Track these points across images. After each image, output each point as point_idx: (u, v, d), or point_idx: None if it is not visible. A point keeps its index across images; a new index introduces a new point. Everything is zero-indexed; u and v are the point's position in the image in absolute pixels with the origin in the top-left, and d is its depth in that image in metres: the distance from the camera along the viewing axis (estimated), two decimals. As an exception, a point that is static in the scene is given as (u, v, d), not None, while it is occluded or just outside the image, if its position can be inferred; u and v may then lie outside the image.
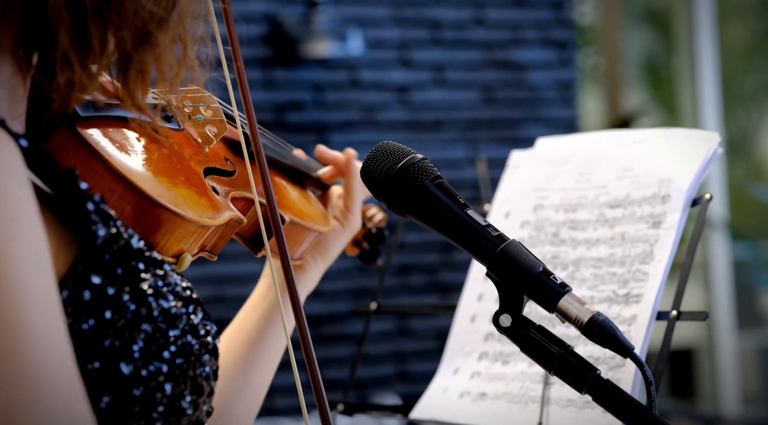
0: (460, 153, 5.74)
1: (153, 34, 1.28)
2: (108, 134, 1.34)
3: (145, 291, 1.26)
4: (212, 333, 1.34)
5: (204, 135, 1.54)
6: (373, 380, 5.45)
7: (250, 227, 1.63)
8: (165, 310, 1.27)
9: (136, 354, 1.23)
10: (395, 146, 1.53)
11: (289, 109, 5.43)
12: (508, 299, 1.47)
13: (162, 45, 1.29)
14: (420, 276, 5.63)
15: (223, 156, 1.59)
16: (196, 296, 1.34)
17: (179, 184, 1.39)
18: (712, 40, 7.23)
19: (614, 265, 1.87)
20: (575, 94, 6.10)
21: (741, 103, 8.37)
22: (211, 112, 1.57)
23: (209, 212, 1.41)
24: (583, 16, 7.76)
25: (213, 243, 1.48)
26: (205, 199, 1.42)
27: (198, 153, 1.52)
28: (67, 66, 1.25)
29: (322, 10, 5.38)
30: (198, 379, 1.30)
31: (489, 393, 1.89)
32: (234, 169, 1.58)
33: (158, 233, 1.33)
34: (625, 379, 1.76)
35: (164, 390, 1.26)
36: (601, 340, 1.43)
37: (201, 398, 1.31)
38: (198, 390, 1.30)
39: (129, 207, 1.31)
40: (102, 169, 1.30)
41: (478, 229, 1.48)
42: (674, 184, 1.87)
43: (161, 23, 1.28)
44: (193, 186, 1.42)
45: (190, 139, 1.53)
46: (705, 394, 7.33)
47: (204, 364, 1.31)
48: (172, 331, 1.27)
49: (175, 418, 1.27)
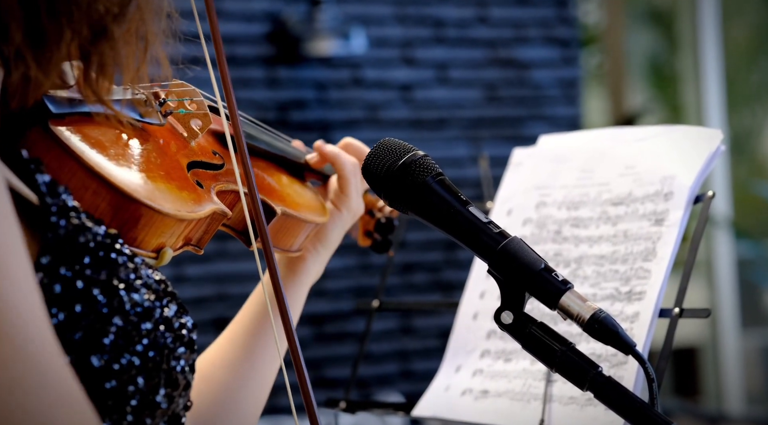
0: (463, 151, 5.74)
1: (109, 28, 1.26)
2: (83, 130, 1.33)
3: (116, 285, 1.25)
4: (187, 327, 1.33)
5: (189, 129, 1.54)
6: (376, 378, 5.44)
7: (241, 219, 1.62)
8: (137, 303, 1.26)
9: (107, 348, 1.22)
10: (397, 143, 1.53)
11: (292, 107, 5.43)
12: (509, 296, 1.47)
13: (120, 39, 1.27)
14: (423, 274, 5.62)
15: (211, 149, 1.59)
16: (171, 289, 1.34)
17: (158, 179, 1.38)
18: (716, 38, 7.22)
19: (616, 263, 1.87)
20: (578, 92, 6.09)
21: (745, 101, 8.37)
22: (195, 105, 1.57)
23: (189, 206, 1.40)
24: (587, 14, 7.76)
25: (198, 236, 1.48)
26: (186, 193, 1.42)
27: (184, 147, 1.52)
28: (21, 62, 1.22)
29: (325, 9, 5.38)
30: (172, 372, 1.29)
31: (491, 390, 1.89)
32: (222, 162, 1.58)
33: (135, 228, 1.33)
34: (627, 376, 1.75)
35: (137, 383, 1.25)
36: (603, 337, 1.43)
37: (176, 391, 1.30)
38: (173, 384, 1.29)
39: (104, 203, 1.30)
40: (75, 165, 1.29)
41: (479, 226, 1.48)
42: (677, 181, 1.87)
43: (117, 17, 1.26)
44: (173, 180, 1.41)
45: (175, 134, 1.52)
46: (709, 392, 7.33)
47: (179, 357, 1.30)
48: (144, 324, 1.26)
49: (149, 412, 1.27)
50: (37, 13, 1.22)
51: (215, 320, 4.94)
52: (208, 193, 1.49)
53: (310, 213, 1.77)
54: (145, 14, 1.29)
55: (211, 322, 4.93)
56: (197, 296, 5.02)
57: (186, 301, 1.37)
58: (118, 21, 1.26)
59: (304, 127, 5.43)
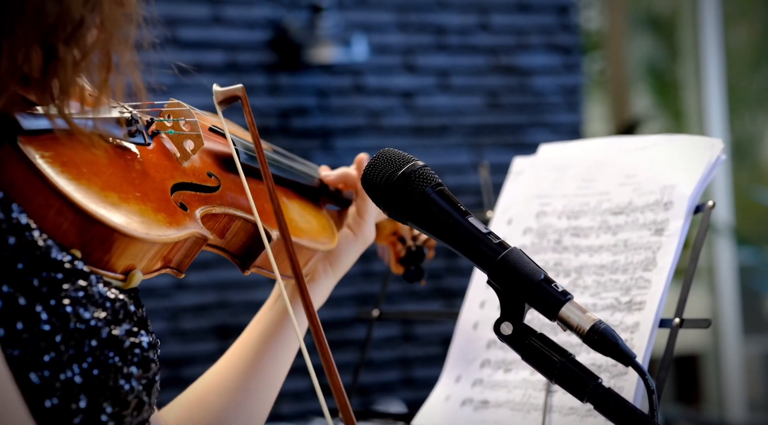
0: (465, 158, 5.73)
1: (59, 49, 1.25)
2: (55, 148, 1.32)
3: (62, 303, 1.24)
4: (142, 346, 1.31)
5: (182, 149, 1.52)
6: (377, 386, 5.44)
7: (236, 242, 1.61)
8: (83, 321, 1.25)
9: (47, 364, 1.22)
10: (396, 153, 1.53)
11: (293, 114, 5.43)
12: (509, 307, 1.47)
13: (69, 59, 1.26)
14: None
15: (207, 171, 1.56)
16: (130, 309, 1.32)
17: (131, 200, 1.36)
18: (717, 45, 7.22)
19: (617, 272, 1.86)
20: (580, 99, 6.09)
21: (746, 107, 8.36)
22: (189, 126, 1.54)
23: (161, 229, 1.38)
24: (588, 21, 7.76)
25: (178, 259, 1.46)
26: (163, 215, 1.40)
27: (174, 168, 1.49)
28: None
29: (326, 16, 5.38)
30: (120, 392, 1.28)
31: (491, 401, 1.89)
32: (218, 184, 1.56)
33: (101, 249, 1.31)
34: (627, 387, 1.75)
35: (78, 401, 1.24)
36: (603, 349, 1.43)
37: (125, 411, 1.29)
38: (121, 403, 1.28)
39: (67, 222, 1.29)
40: (39, 184, 1.28)
41: (479, 237, 1.47)
42: (677, 190, 1.86)
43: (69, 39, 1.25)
44: (150, 202, 1.39)
45: (167, 154, 1.50)
46: (710, 400, 7.32)
47: (129, 376, 1.29)
48: (90, 342, 1.25)
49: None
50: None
51: (216, 327, 4.94)
52: (191, 216, 1.46)
53: (312, 239, 1.74)
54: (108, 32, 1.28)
55: (212, 329, 4.92)
56: (199, 303, 5.02)
57: (187, 308, 1.36)
58: (67, 43, 1.25)
59: (306, 134, 5.43)
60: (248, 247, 1.62)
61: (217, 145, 1.60)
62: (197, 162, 1.55)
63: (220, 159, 1.61)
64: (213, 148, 1.59)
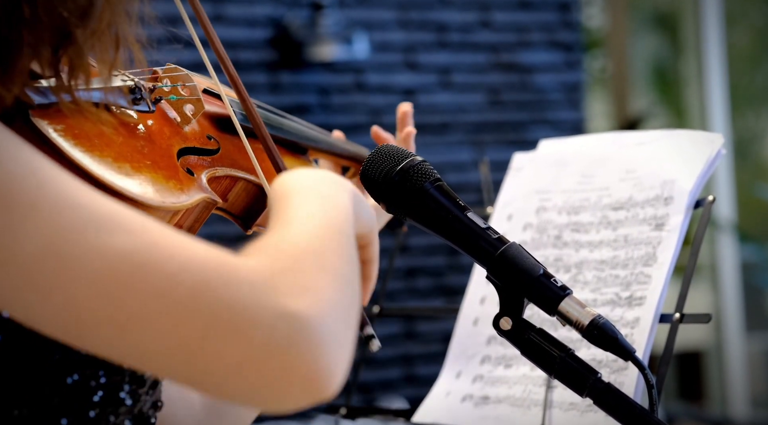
0: (466, 156, 5.73)
1: (73, 33, 1.24)
2: (66, 121, 1.31)
3: None
4: None
5: (182, 114, 1.51)
6: (379, 383, 5.44)
7: (239, 204, 1.61)
8: None
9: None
10: (395, 149, 1.53)
11: (295, 112, 5.39)
12: (508, 302, 1.47)
13: (86, 42, 1.25)
14: (426, 279, 5.62)
15: (206, 134, 1.56)
16: None
17: (143, 169, 1.36)
18: (720, 42, 7.22)
19: (617, 268, 1.86)
20: (582, 96, 6.09)
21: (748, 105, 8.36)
22: (188, 90, 1.54)
23: (176, 195, 1.38)
24: (590, 18, 7.75)
25: (189, 225, 1.46)
26: (174, 182, 1.40)
27: (176, 133, 1.49)
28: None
29: (327, 14, 5.38)
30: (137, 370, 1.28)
31: (491, 396, 1.88)
32: (218, 147, 1.55)
33: None
34: (627, 382, 1.75)
35: (99, 378, 1.24)
36: (602, 343, 1.43)
37: (142, 389, 1.29)
38: (137, 381, 1.28)
39: None
40: (56, 157, 1.27)
41: (477, 232, 1.47)
42: (677, 185, 1.86)
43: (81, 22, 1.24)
44: (160, 169, 1.39)
45: (167, 120, 1.50)
46: (713, 396, 7.31)
47: None
48: None
49: (112, 409, 1.26)
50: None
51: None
52: (199, 181, 1.46)
53: None
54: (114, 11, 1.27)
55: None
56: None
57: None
58: (82, 25, 1.25)
59: (307, 132, 5.42)
60: (250, 207, 1.63)
61: (212, 107, 1.61)
62: (196, 126, 1.55)
63: (216, 120, 1.61)
64: (209, 110, 1.59)
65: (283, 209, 1.24)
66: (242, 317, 1.08)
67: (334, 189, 1.29)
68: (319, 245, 1.17)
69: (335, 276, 1.15)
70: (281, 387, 1.10)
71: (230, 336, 1.07)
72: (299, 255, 1.15)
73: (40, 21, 1.22)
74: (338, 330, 1.12)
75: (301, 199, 1.25)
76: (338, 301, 1.14)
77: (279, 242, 1.17)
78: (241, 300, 1.08)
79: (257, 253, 1.15)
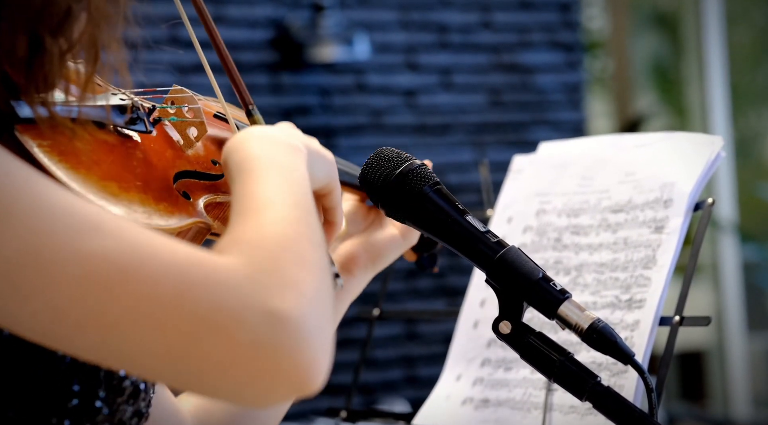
0: (467, 156, 5.73)
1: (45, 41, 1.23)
2: (51, 136, 1.29)
3: None
4: None
5: (185, 137, 1.50)
6: (381, 384, 5.44)
7: None
8: None
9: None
10: (394, 152, 1.53)
11: (296, 113, 5.43)
12: (507, 306, 1.47)
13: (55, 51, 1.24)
14: (427, 280, 5.61)
15: (211, 159, 1.54)
16: None
17: (132, 189, 1.34)
18: (721, 42, 7.21)
19: (617, 270, 1.86)
20: (583, 97, 6.09)
21: (750, 104, 8.36)
22: (192, 113, 1.52)
23: (164, 218, 1.36)
24: (591, 19, 7.75)
25: None
26: (165, 205, 1.38)
27: (177, 156, 1.47)
28: None
29: (328, 15, 5.38)
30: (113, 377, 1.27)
31: (491, 399, 1.88)
32: (221, 172, 1.53)
33: None
34: (628, 385, 1.74)
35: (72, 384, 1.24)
36: (602, 347, 1.43)
37: (120, 398, 1.28)
38: (114, 389, 1.28)
39: None
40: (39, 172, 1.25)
41: (476, 236, 1.47)
42: (677, 188, 1.86)
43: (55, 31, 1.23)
44: (151, 191, 1.37)
45: (170, 141, 1.48)
46: (715, 397, 7.31)
47: None
48: None
49: (87, 416, 1.25)
50: None
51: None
52: (195, 205, 1.44)
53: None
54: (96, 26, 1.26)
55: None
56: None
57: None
58: (54, 35, 1.23)
59: (308, 133, 5.38)
60: None
61: (221, 132, 1.59)
62: (201, 149, 1.53)
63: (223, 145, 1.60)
64: (218, 135, 1.57)
65: (246, 183, 1.26)
66: (227, 317, 1.08)
67: (292, 158, 1.32)
68: (293, 235, 1.19)
69: (312, 267, 1.16)
70: (268, 385, 1.11)
71: (215, 336, 1.08)
72: (276, 249, 1.16)
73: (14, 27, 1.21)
74: (320, 322, 1.13)
75: (264, 173, 1.27)
76: (317, 292, 1.15)
77: (254, 236, 1.18)
78: (224, 300, 1.09)
79: (234, 250, 1.15)
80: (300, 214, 1.23)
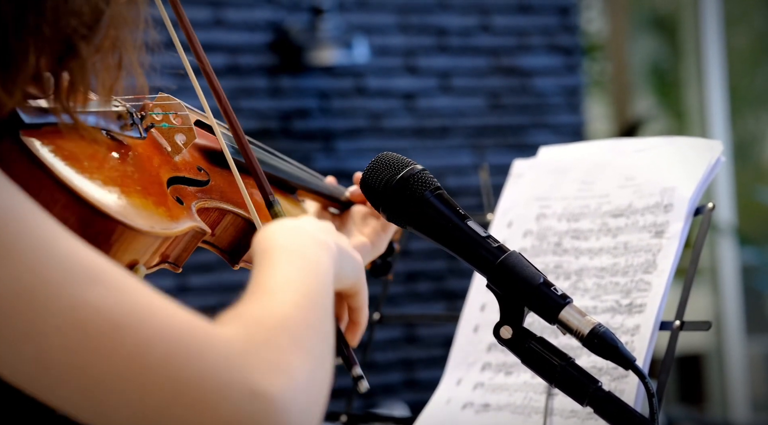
0: (467, 160, 5.73)
1: (77, 46, 1.23)
2: (56, 142, 1.29)
3: None
4: None
5: (173, 143, 1.51)
6: (380, 388, 5.44)
7: (226, 238, 1.61)
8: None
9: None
10: (394, 157, 1.53)
11: (295, 116, 5.43)
12: (508, 310, 1.47)
13: (89, 57, 1.24)
14: (427, 283, 5.61)
15: (197, 165, 1.56)
16: None
17: (133, 194, 1.35)
18: (719, 44, 7.22)
19: (617, 275, 1.86)
20: (582, 100, 6.09)
21: (748, 107, 8.36)
22: (180, 120, 1.54)
23: (164, 222, 1.37)
24: (590, 22, 7.75)
25: (176, 254, 1.45)
26: (163, 209, 1.39)
27: (167, 162, 1.49)
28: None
29: (327, 18, 5.38)
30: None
31: (492, 404, 1.88)
32: (207, 179, 1.55)
33: (107, 244, 1.29)
34: (628, 390, 1.74)
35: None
36: (603, 352, 1.43)
37: None
38: None
39: (73, 217, 1.26)
40: (44, 177, 1.25)
41: (477, 241, 1.47)
42: (677, 192, 1.86)
43: (86, 36, 1.23)
44: (150, 195, 1.38)
45: (159, 148, 1.50)
46: (714, 400, 7.31)
47: None
48: None
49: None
50: (4, 33, 1.18)
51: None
52: (188, 210, 1.45)
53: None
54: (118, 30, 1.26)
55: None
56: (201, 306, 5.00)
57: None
58: (87, 39, 1.23)
59: (307, 136, 5.43)
60: (238, 241, 1.62)
61: (203, 140, 1.61)
62: (187, 156, 1.55)
63: (207, 153, 1.61)
64: (200, 143, 1.59)
65: (265, 268, 1.24)
66: (211, 390, 1.07)
67: (317, 251, 1.28)
68: (297, 320, 1.16)
69: (310, 355, 1.14)
70: None
71: (197, 407, 1.06)
72: (276, 330, 1.13)
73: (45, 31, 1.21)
74: (306, 412, 1.11)
75: (284, 260, 1.24)
76: (310, 382, 1.13)
77: (258, 313, 1.16)
78: (212, 372, 1.07)
79: (236, 322, 1.14)
80: (310, 304, 1.20)
